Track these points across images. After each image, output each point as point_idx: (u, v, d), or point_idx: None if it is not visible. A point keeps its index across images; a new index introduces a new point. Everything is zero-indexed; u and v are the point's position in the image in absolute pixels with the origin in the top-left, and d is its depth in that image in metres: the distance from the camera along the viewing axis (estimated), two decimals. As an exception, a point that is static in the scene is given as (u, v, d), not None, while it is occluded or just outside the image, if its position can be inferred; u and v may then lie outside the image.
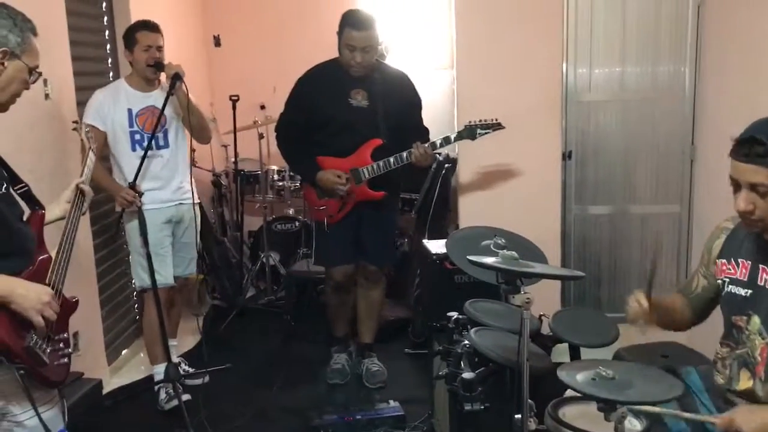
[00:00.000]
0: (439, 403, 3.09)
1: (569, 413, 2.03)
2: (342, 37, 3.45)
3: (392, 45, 5.64)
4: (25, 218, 2.03)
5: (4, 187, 1.93)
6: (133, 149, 3.53)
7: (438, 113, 4.94)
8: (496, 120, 3.56)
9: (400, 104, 3.60)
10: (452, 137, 3.54)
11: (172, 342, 3.78)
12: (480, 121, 3.57)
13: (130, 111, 3.53)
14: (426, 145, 3.46)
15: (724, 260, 2.10)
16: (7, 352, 1.80)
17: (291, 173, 5.15)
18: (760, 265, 1.99)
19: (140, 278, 3.62)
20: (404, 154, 3.48)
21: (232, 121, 5.05)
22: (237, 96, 5.04)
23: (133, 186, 3.36)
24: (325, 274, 3.94)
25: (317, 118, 3.57)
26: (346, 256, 3.75)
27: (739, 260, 2.05)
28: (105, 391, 3.66)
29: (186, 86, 3.48)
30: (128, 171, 3.49)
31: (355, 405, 3.54)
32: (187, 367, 3.91)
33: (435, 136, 3.58)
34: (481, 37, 4.03)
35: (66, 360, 2.02)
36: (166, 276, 3.59)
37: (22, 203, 2.06)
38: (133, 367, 4.12)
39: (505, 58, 4.02)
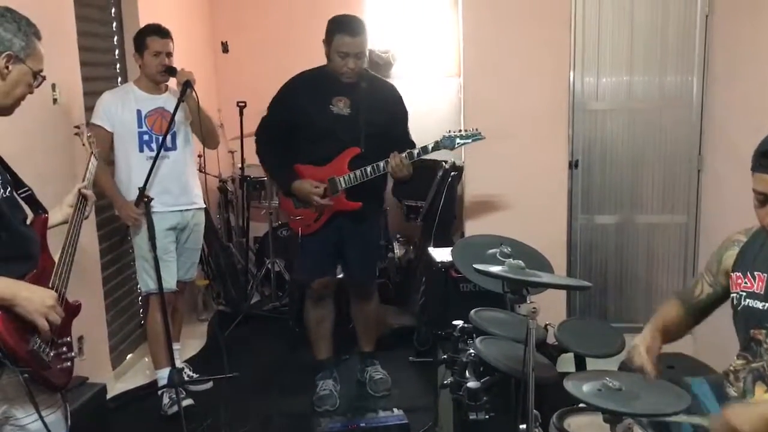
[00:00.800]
0: (443, 412, 3.08)
1: (574, 424, 2.02)
2: (333, 43, 3.35)
3: (399, 53, 5.66)
4: (28, 222, 2.04)
5: (8, 190, 1.93)
6: (141, 150, 3.55)
7: (444, 121, 4.94)
8: (476, 129, 3.44)
9: (383, 114, 3.49)
10: (430, 147, 3.39)
11: (175, 346, 3.77)
12: (460, 131, 3.47)
13: (139, 112, 3.55)
14: (403, 155, 3.34)
15: (739, 273, 2.09)
16: (12, 356, 1.80)
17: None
18: None
19: (145, 282, 3.64)
20: (381, 163, 3.37)
21: (239, 127, 5.06)
22: (244, 102, 5.06)
23: (143, 191, 3.37)
24: (305, 286, 3.80)
25: (297, 123, 3.47)
26: (324, 268, 3.66)
27: (755, 273, 2.03)
28: (109, 395, 3.65)
29: (196, 93, 3.51)
30: (135, 172, 3.51)
31: (358, 413, 3.52)
32: (191, 373, 3.90)
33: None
34: (489, 45, 4.04)
35: (69, 364, 2.02)
36: (169, 282, 3.59)
37: (26, 208, 2.07)
38: (138, 372, 4.11)
39: (513, 66, 4.02)
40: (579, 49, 4.08)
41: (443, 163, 4.84)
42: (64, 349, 2.00)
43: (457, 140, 3.43)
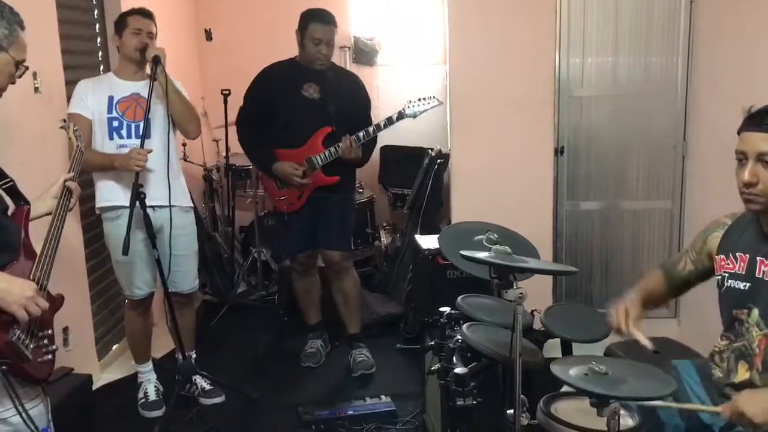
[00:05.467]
0: (430, 398, 3.09)
1: (561, 408, 2.03)
2: (306, 31, 3.65)
3: (384, 40, 5.64)
4: (9, 213, 2.00)
5: None
6: (110, 137, 3.33)
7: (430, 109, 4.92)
8: (434, 97, 3.72)
9: (350, 100, 3.81)
10: (394, 117, 3.66)
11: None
12: (419, 99, 3.69)
13: (111, 98, 3.35)
14: (353, 137, 3.62)
15: (722, 256, 2.11)
16: None
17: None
18: (758, 258, 1.99)
19: (121, 285, 3.53)
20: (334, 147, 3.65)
21: (224, 115, 5.02)
22: (228, 90, 5.02)
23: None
24: (290, 262, 4.16)
25: (272, 109, 3.75)
26: (306, 242, 3.92)
27: (738, 254, 2.06)
28: (95, 386, 3.64)
29: (166, 71, 3.28)
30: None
31: (346, 400, 3.53)
32: (204, 384, 3.66)
33: (428, 133, 3.61)
34: (474, 32, 4.02)
35: (50, 357, 1.97)
36: (141, 288, 3.47)
37: (8, 199, 2.03)
38: (124, 362, 4.09)
39: (498, 53, 4.01)
40: (564, 36, 4.08)
41: (429, 151, 4.84)
42: (45, 341, 1.96)
43: (417, 109, 3.68)
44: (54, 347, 2.00)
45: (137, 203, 3.13)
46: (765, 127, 1.88)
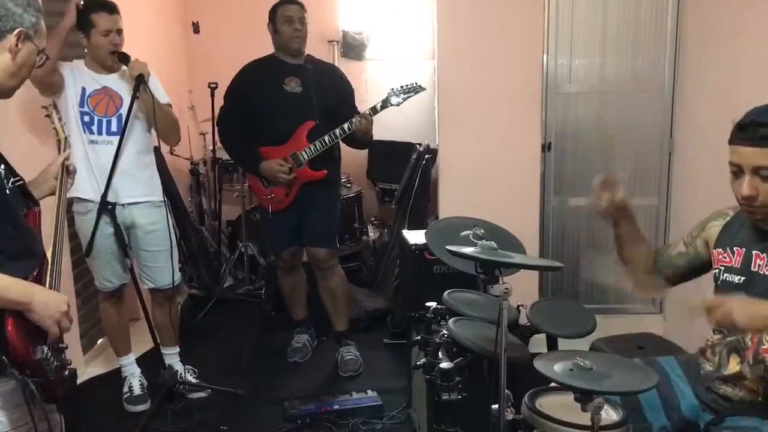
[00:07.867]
0: (416, 392, 3.10)
1: (546, 403, 2.04)
2: (276, 16, 3.67)
3: (373, 35, 5.63)
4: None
5: (11, 181, 1.77)
6: (82, 132, 3.25)
7: (418, 103, 4.92)
8: (416, 83, 3.70)
9: (333, 91, 3.78)
10: (378, 106, 3.64)
11: (171, 350, 3.65)
12: (402, 87, 3.68)
13: (83, 90, 3.25)
14: (367, 111, 3.60)
15: (720, 249, 2.12)
16: (19, 365, 1.66)
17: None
18: (754, 251, 2.00)
19: (93, 275, 3.50)
20: (337, 130, 3.60)
21: (211, 108, 5.00)
22: (216, 83, 5.00)
23: (107, 187, 3.18)
24: (275, 258, 4.12)
25: (253, 107, 3.69)
26: (290, 239, 3.87)
27: (734, 248, 2.07)
28: (80, 380, 3.61)
29: (150, 89, 3.21)
30: (74, 157, 3.11)
31: (332, 395, 3.53)
32: (191, 378, 3.67)
33: (417, 129, 3.59)
34: (463, 27, 4.02)
35: (67, 373, 1.86)
36: (113, 281, 3.44)
37: None
38: (109, 356, 4.06)
39: (486, 49, 4.02)
40: (552, 32, 4.09)
41: (417, 146, 4.84)
42: (63, 356, 1.85)
43: (402, 95, 3.68)
44: (70, 362, 1.88)
45: (108, 215, 3.25)
46: (758, 142, 1.85)
